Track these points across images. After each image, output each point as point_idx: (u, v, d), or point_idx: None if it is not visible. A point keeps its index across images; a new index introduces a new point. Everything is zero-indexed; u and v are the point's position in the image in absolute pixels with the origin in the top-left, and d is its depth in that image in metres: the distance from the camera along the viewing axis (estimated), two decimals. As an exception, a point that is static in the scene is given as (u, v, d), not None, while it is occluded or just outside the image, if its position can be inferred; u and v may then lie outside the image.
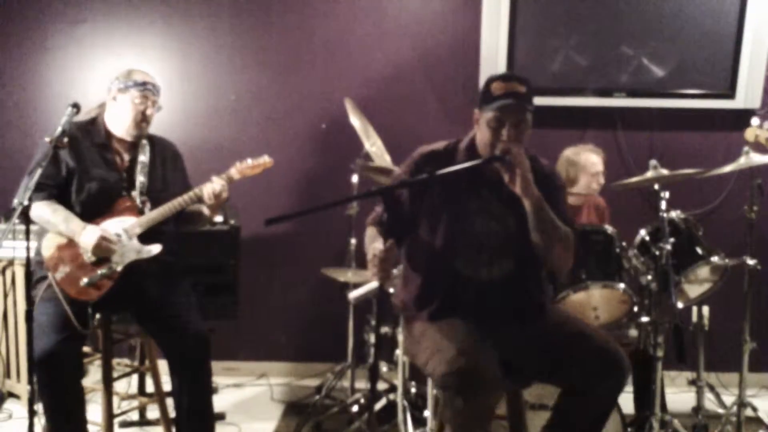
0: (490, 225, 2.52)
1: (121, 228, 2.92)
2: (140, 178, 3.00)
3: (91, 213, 2.94)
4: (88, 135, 2.99)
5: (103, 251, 2.86)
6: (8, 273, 3.66)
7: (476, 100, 2.51)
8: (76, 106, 2.74)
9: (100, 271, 2.86)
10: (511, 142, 2.40)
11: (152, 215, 2.94)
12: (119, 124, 3.00)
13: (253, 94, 4.20)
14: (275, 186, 4.17)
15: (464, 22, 4.06)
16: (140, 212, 2.96)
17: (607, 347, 2.43)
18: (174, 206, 2.94)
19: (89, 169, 2.95)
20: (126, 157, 3.04)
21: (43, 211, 2.87)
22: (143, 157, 3.03)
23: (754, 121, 3.24)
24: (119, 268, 2.88)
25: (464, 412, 2.24)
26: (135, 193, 2.98)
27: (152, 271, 2.95)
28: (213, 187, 2.94)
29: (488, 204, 2.53)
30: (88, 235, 2.85)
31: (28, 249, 2.63)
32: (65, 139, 2.67)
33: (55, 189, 2.91)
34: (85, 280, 2.85)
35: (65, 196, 2.95)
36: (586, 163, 3.57)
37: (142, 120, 2.98)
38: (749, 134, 3.23)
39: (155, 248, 2.93)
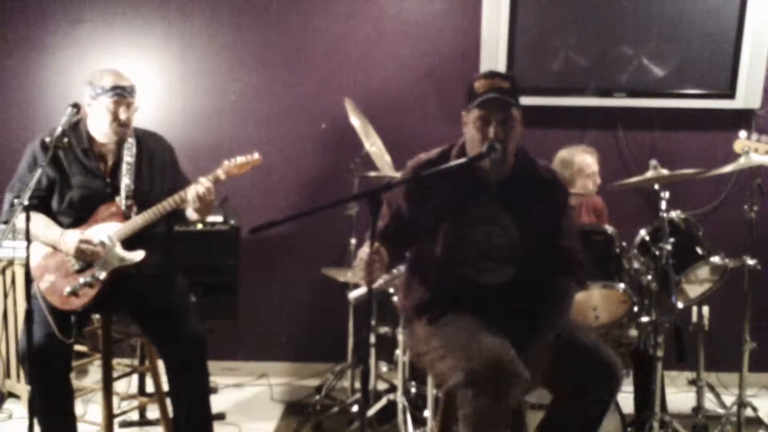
0: (490, 232, 2.51)
1: (106, 235, 2.87)
2: (125, 181, 2.93)
3: (75, 221, 2.90)
4: (70, 141, 2.88)
5: (86, 255, 2.82)
6: (8, 273, 3.66)
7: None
8: (76, 106, 2.73)
9: (82, 280, 2.83)
10: (499, 138, 2.38)
11: (137, 220, 2.88)
12: (98, 129, 2.92)
13: (253, 94, 4.20)
14: (275, 186, 4.17)
15: (464, 22, 4.05)
16: (126, 217, 2.90)
17: (601, 353, 2.42)
18: (159, 211, 2.87)
19: (70, 178, 2.90)
20: (110, 160, 2.97)
21: (23, 222, 2.79)
22: (129, 158, 2.95)
23: (742, 133, 3.25)
24: (102, 276, 2.84)
25: (491, 408, 2.21)
26: (120, 198, 2.92)
27: (145, 273, 2.92)
28: (197, 189, 2.84)
29: (488, 210, 2.51)
30: (67, 240, 2.82)
31: (28, 249, 2.64)
32: (65, 139, 2.67)
33: (35, 200, 2.82)
34: (67, 288, 2.82)
35: (49, 206, 2.91)
36: (582, 164, 3.57)
37: (119, 125, 2.88)
38: (737, 146, 3.24)
39: (138, 255, 2.87)
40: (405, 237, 2.55)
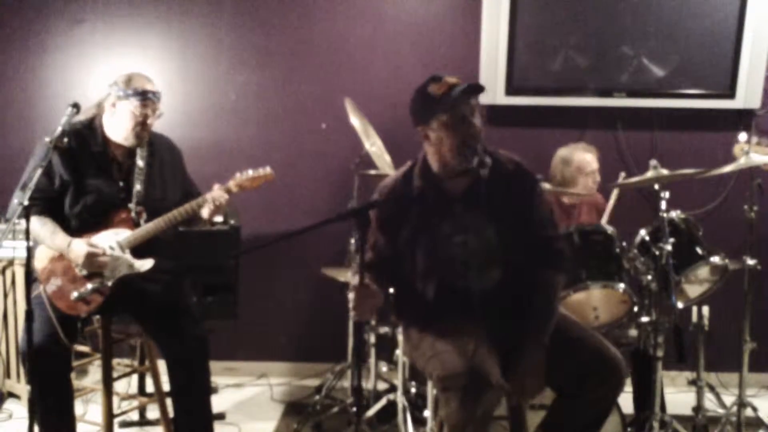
0: (469, 241, 2.49)
1: (115, 241, 2.87)
2: (137, 187, 2.93)
3: (87, 225, 2.89)
4: (85, 142, 2.90)
5: (93, 265, 2.81)
6: (8, 273, 3.66)
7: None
8: (76, 106, 2.73)
9: (90, 286, 2.83)
10: (474, 134, 2.38)
11: (148, 228, 2.88)
12: (118, 131, 2.90)
13: (253, 94, 4.20)
14: (275, 186, 4.13)
15: (464, 22, 4.05)
16: (136, 224, 2.91)
17: (606, 353, 2.42)
18: (170, 219, 2.88)
19: (85, 181, 2.88)
20: (124, 163, 2.97)
21: (33, 225, 2.79)
22: (141, 162, 2.95)
23: (742, 137, 3.25)
24: (110, 283, 2.85)
25: (461, 414, 2.24)
26: (132, 205, 2.92)
27: (154, 278, 2.93)
28: (212, 202, 2.90)
29: (463, 220, 2.49)
30: (75, 250, 2.81)
31: (28, 249, 2.64)
32: (65, 140, 2.66)
33: (46, 202, 2.84)
34: (75, 294, 2.81)
35: (59, 208, 2.89)
36: (581, 162, 3.58)
37: (142, 129, 2.89)
38: (737, 150, 3.24)
39: (147, 263, 2.88)
40: (391, 267, 2.55)
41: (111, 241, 2.87)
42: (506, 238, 2.49)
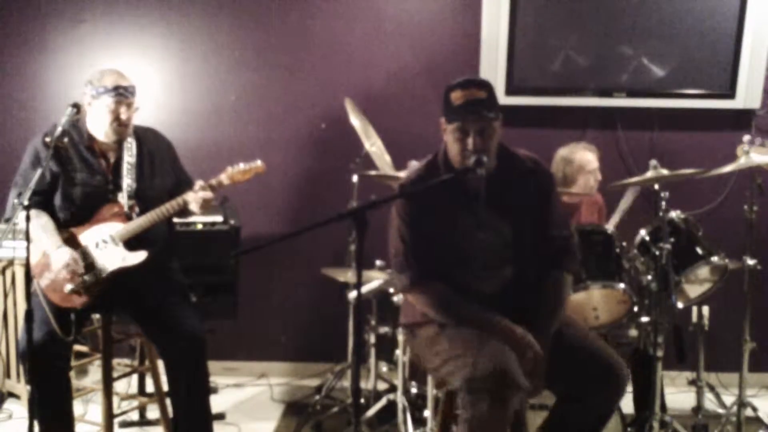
0: (485, 238, 2.50)
1: (108, 235, 2.88)
2: (127, 181, 2.94)
3: (78, 219, 2.91)
4: (71, 139, 2.92)
5: (69, 274, 2.82)
6: (8, 273, 3.66)
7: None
8: (76, 106, 2.74)
9: (84, 278, 2.84)
10: (478, 149, 2.37)
11: (139, 222, 2.89)
12: (98, 128, 2.92)
13: (253, 94, 4.19)
14: (275, 186, 4.17)
15: (464, 22, 4.05)
16: (128, 218, 2.91)
17: (608, 358, 2.42)
18: (160, 214, 2.88)
19: (73, 174, 2.90)
20: (111, 158, 2.98)
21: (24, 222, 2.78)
22: (129, 157, 2.96)
23: (746, 138, 3.25)
24: (104, 276, 2.86)
25: (489, 415, 2.22)
26: (123, 198, 2.93)
27: (146, 272, 2.93)
28: (202, 196, 2.88)
29: (480, 216, 2.50)
30: (59, 256, 2.82)
31: (28, 249, 2.64)
32: (65, 139, 2.67)
33: (40, 196, 2.86)
34: (69, 286, 2.82)
35: (52, 202, 2.91)
36: (582, 161, 3.58)
37: (119, 124, 2.89)
38: (740, 151, 3.24)
39: (140, 256, 2.88)
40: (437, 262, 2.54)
41: (104, 235, 2.88)
42: (522, 235, 2.51)
